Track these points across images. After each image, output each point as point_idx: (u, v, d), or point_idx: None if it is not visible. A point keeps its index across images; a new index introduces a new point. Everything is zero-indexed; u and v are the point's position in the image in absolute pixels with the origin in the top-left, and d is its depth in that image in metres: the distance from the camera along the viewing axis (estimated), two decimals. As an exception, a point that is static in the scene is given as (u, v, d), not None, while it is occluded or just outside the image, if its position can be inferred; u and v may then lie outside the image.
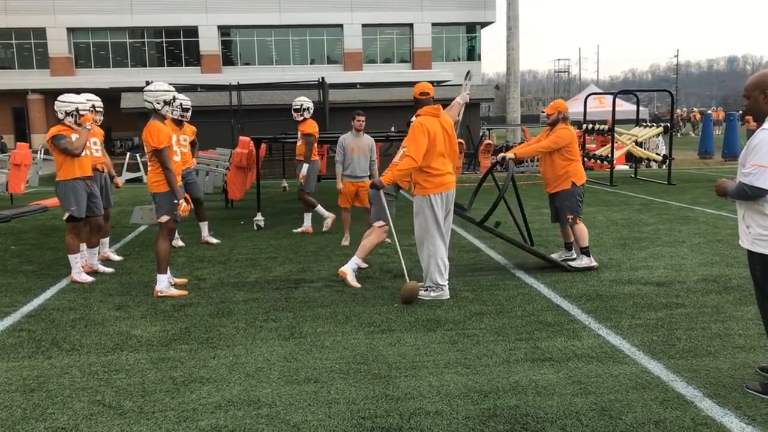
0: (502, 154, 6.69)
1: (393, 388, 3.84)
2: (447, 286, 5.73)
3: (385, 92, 25.74)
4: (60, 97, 6.55)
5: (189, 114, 8.28)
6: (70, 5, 37.52)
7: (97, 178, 7.00)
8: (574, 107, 25.71)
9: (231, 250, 8.10)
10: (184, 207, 5.80)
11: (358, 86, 31.52)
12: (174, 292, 5.97)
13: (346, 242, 8.25)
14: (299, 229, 9.21)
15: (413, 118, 5.64)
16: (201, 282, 6.51)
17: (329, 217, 9.24)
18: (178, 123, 8.14)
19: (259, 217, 9.64)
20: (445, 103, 6.08)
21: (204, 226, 8.59)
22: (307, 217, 9.27)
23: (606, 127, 16.01)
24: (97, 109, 7.11)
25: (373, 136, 12.02)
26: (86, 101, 6.98)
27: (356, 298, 5.78)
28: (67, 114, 6.38)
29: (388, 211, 6.11)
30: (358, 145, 7.98)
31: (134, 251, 8.06)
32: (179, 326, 5.09)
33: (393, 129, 19.54)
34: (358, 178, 8.00)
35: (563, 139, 6.47)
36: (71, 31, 38.58)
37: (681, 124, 39.81)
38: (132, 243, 8.58)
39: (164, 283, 5.97)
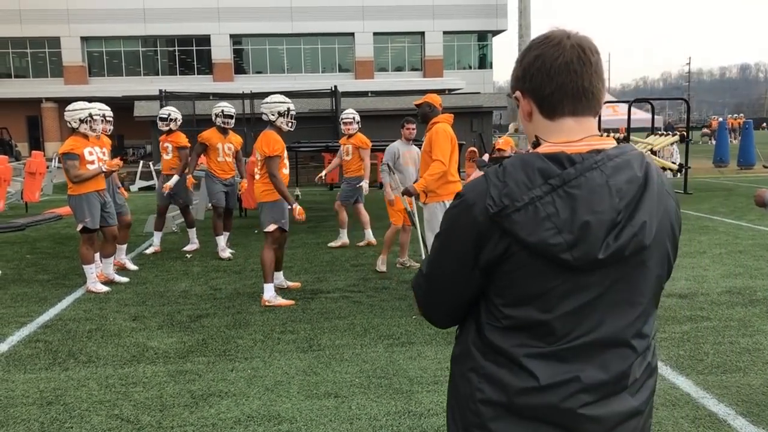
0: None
1: (415, 404, 3.77)
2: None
3: (398, 100, 25.74)
4: (69, 107, 6.53)
5: (232, 122, 8.15)
6: (84, 14, 37.84)
7: (110, 187, 6.98)
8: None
9: (246, 259, 8.05)
10: (299, 210, 5.76)
11: (369, 94, 31.54)
12: (281, 301, 5.89)
13: (402, 260, 7.41)
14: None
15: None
16: (216, 292, 6.46)
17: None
18: (223, 132, 8.04)
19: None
20: (454, 111, 5.99)
21: (225, 236, 8.42)
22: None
23: (620, 135, 15.88)
24: (107, 118, 7.10)
25: (380, 145, 12.06)
26: (98, 111, 6.98)
27: (374, 310, 5.71)
28: (81, 121, 6.36)
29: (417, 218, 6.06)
30: (408, 155, 7.24)
31: (149, 260, 8.02)
32: (196, 338, 5.04)
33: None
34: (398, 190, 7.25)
35: None
36: (85, 40, 38.90)
37: (709, 134, 39.43)
38: (146, 252, 8.54)
39: (271, 293, 5.91)
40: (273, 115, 5.88)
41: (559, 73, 1.31)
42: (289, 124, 5.94)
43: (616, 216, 1.24)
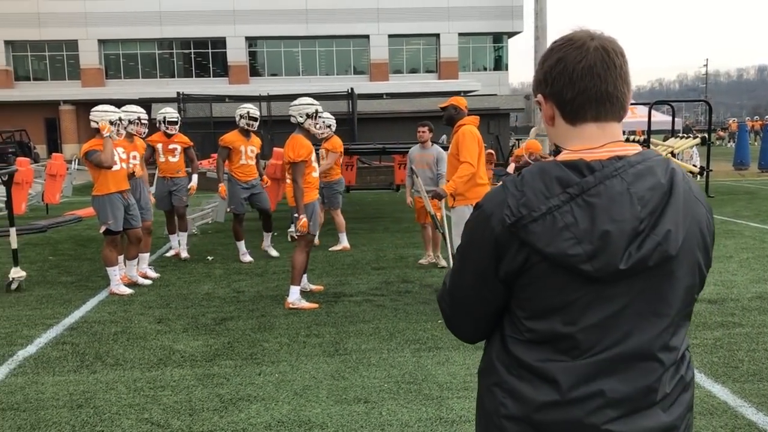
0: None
1: (446, 410, 3.72)
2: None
3: (413, 102, 25.70)
4: (98, 108, 6.54)
5: (256, 124, 8.02)
6: (101, 17, 38.18)
7: (137, 189, 7.00)
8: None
9: (267, 262, 8.04)
10: (303, 223, 5.76)
11: (384, 97, 31.54)
12: (306, 305, 5.87)
13: (424, 261, 7.70)
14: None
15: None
16: (240, 295, 6.45)
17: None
18: (246, 134, 7.95)
19: (292, 229, 9.55)
20: (470, 113, 5.88)
21: (266, 237, 8.36)
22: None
23: (640, 138, 15.75)
24: (142, 121, 7.11)
25: (394, 149, 12.01)
26: (133, 113, 7.01)
27: (398, 314, 5.67)
28: (111, 123, 6.38)
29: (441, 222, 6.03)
30: (421, 158, 7.50)
31: (171, 263, 8.03)
32: (222, 341, 5.02)
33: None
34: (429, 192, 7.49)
35: None
36: (102, 42, 39.26)
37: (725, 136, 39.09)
38: (168, 255, 8.55)
39: (296, 296, 5.89)
40: (301, 117, 5.85)
41: (582, 78, 1.28)
42: (317, 126, 5.92)
43: (638, 225, 1.20)
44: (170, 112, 7.94)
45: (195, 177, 8.22)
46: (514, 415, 1.30)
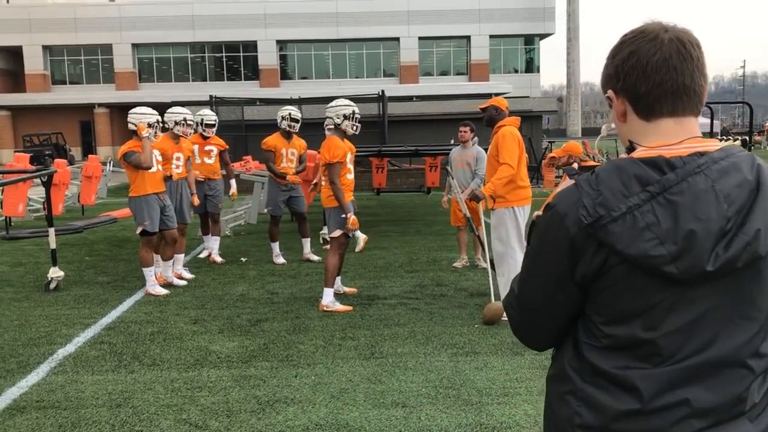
0: (537, 213, 6.18)
1: (487, 416, 3.65)
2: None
3: (444, 104, 25.60)
4: (136, 110, 6.59)
5: (298, 125, 7.97)
6: (135, 22, 38.86)
7: (174, 191, 7.05)
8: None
9: (300, 263, 8.04)
10: (353, 220, 5.76)
11: (414, 99, 31.50)
12: (340, 307, 5.84)
13: (458, 264, 7.63)
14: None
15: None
16: (274, 296, 6.44)
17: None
18: (287, 136, 7.92)
19: (324, 231, 9.56)
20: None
21: (306, 243, 8.29)
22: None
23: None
24: (188, 122, 7.15)
25: (427, 151, 11.94)
26: (178, 114, 7.06)
27: (434, 317, 5.61)
28: (149, 125, 6.43)
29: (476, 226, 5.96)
30: (461, 158, 7.43)
31: (204, 264, 8.08)
32: (257, 342, 5.01)
33: (453, 141, 19.39)
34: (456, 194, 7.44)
35: None
36: (136, 46, 39.95)
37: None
38: (201, 256, 8.61)
39: (330, 298, 5.87)
40: (338, 118, 5.85)
41: (657, 71, 1.22)
42: (354, 127, 5.90)
43: (725, 224, 1.14)
44: (208, 114, 7.97)
45: (233, 182, 8.25)
46: (590, 425, 1.24)
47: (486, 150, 6.10)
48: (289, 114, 7.89)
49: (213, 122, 7.91)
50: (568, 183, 1.38)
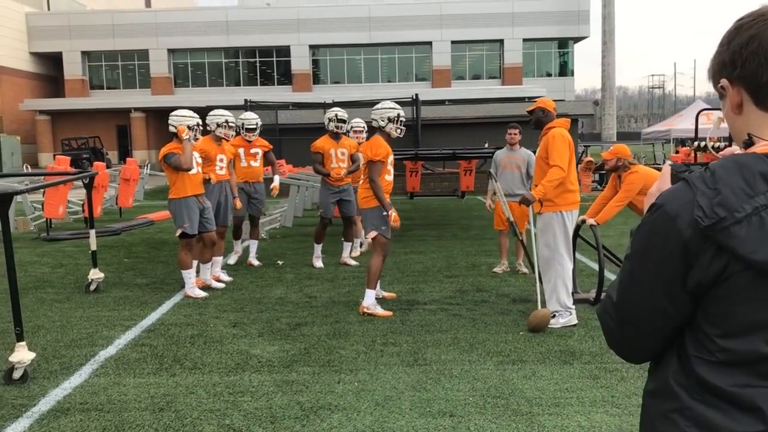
0: (582, 218, 6.05)
1: (538, 427, 3.51)
2: (575, 310, 5.36)
3: (477, 108, 25.40)
4: (177, 112, 6.61)
5: (345, 126, 7.87)
6: (171, 28, 39.45)
7: (215, 193, 7.04)
8: (681, 124, 24.45)
9: (337, 267, 7.98)
10: (394, 217, 5.72)
11: (446, 103, 31.34)
12: (380, 311, 5.76)
13: (499, 269, 7.52)
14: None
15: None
16: (312, 300, 6.38)
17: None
18: (336, 137, 7.83)
19: (361, 234, 9.50)
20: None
21: (346, 247, 8.23)
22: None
23: (720, 144, 15.03)
24: (230, 124, 7.13)
25: (463, 154, 11.79)
26: (220, 116, 7.06)
27: (476, 324, 5.48)
28: (189, 128, 6.43)
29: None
30: (510, 160, 7.35)
31: (242, 266, 8.06)
32: (298, 347, 4.94)
33: (486, 145, 19.20)
34: (511, 197, 7.08)
35: (635, 184, 5.85)
36: (171, 52, 40.52)
37: None
38: (241, 257, 8.59)
39: (371, 300, 5.80)
40: (383, 120, 5.80)
41: None
42: (398, 131, 5.83)
43: None
44: (249, 118, 7.88)
45: (277, 177, 8.20)
46: None
47: (534, 152, 5.97)
48: (335, 115, 7.83)
49: (254, 126, 7.86)
50: (664, 176, 1.26)
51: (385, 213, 5.74)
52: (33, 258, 8.96)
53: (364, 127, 8.50)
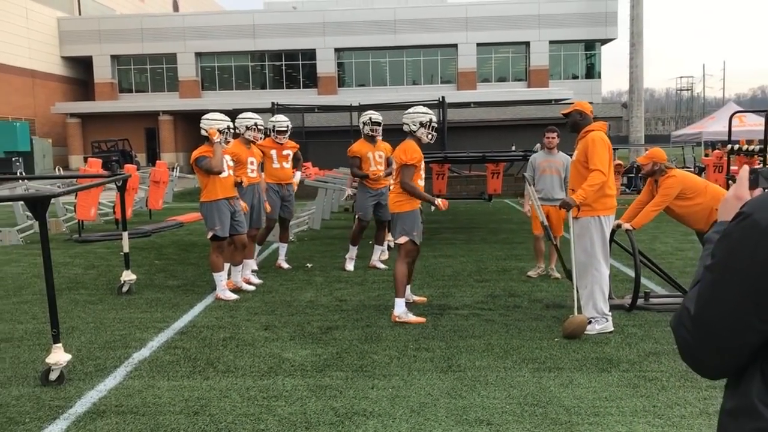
0: (618, 222, 5.92)
1: (579, 438, 3.43)
2: (611, 317, 5.26)
3: (503, 111, 25.24)
4: (208, 116, 6.62)
5: (380, 128, 7.85)
6: (198, 32, 39.83)
7: (248, 196, 7.06)
8: (713, 126, 24.02)
9: (366, 270, 7.94)
10: (443, 202, 5.73)
11: (472, 105, 31.19)
12: (412, 318, 5.69)
13: (533, 273, 7.44)
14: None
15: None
16: (342, 303, 6.35)
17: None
18: (371, 140, 7.82)
19: (390, 237, 9.45)
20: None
21: (377, 250, 8.20)
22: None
23: (755, 147, 14.71)
24: (259, 127, 7.15)
25: (494, 157, 11.68)
26: (249, 119, 7.08)
27: (510, 330, 5.40)
28: (219, 132, 6.45)
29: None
30: (549, 164, 7.26)
31: (271, 269, 8.07)
32: (330, 351, 4.91)
33: (513, 148, 19.04)
34: (550, 201, 7.13)
35: (672, 188, 5.71)
36: (199, 55, 40.89)
37: None
38: (269, 260, 8.62)
39: (402, 308, 5.73)
40: (415, 125, 5.75)
41: None
42: (429, 136, 5.77)
43: None
44: (280, 121, 7.84)
45: (299, 174, 8.22)
46: None
47: (570, 155, 5.88)
48: (370, 118, 7.82)
49: (285, 128, 7.84)
50: (742, 181, 1.19)
51: (432, 204, 5.71)
52: (66, 259, 9.08)
53: (380, 121, 8.41)
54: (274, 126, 7.80)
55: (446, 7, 40.13)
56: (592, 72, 40.96)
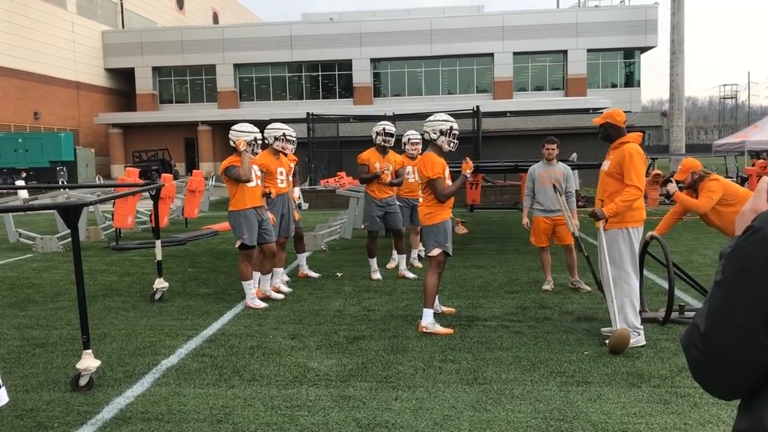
0: (650, 234, 5.78)
1: (605, 455, 3.34)
2: (643, 330, 5.12)
3: (540, 120, 25.01)
4: (237, 127, 6.68)
5: (392, 140, 7.90)
6: (237, 43, 40.53)
7: (278, 206, 7.11)
8: (756, 135, 23.39)
9: (395, 280, 7.92)
10: (468, 164, 5.74)
11: (508, 114, 30.97)
12: (440, 329, 5.63)
13: (548, 287, 7.26)
14: None
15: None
16: (370, 313, 6.33)
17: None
18: (383, 151, 7.88)
19: (420, 247, 9.41)
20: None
21: (402, 260, 8.13)
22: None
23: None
24: (287, 137, 7.20)
25: (525, 166, 11.51)
26: (278, 129, 7.14)
27: (538, 342, 5.30)
28: (247, 143, 6.52)
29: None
30: (548, 175, 7.15)
31: (300, 279, 8.10)
32: (355, 361, 4.90)
33: (574, 156, 18.77)
34: (552, 212, 7.12)
35: (715, 192, 5.58)
36: (237, 66, 41.59)
37: None
38: (297, 270, 8.65)
39: (429, 319, 5.67)
40: (435, 133, 5.66)
41: None
42: (451, 144, 5.69)
43: None
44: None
45: (298, 189, 8.28)
46: None
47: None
48: (383, 129, 7.85)
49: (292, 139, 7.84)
50: (760, 194, 1.14)
51: (467, 177, 5.73)
52: (102, 267, 9.27)
53: (420, 139, 8.46)
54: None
55: (483, 17, 40.06)
56: (631, 80, 40.32)
